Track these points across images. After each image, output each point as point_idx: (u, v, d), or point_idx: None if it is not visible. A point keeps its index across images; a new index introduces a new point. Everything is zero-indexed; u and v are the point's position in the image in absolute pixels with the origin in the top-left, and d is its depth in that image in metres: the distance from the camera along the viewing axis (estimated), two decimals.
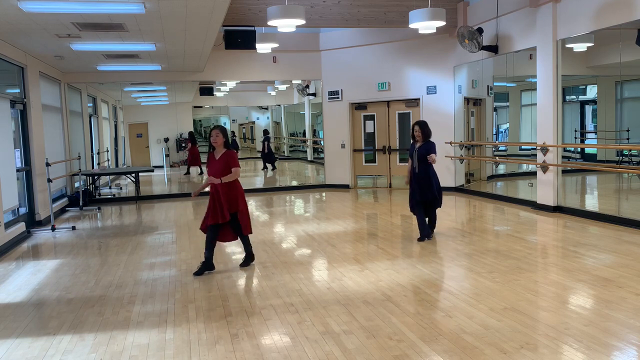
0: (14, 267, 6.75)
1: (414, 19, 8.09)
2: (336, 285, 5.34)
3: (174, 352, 3.90)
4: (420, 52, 12.23)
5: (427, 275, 5.57)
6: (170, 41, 8.69)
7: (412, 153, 7.24)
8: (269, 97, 19.29)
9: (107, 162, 15.50)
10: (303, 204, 11.75)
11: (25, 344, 4.17)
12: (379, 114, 13.09)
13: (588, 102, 13.11)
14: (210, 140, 5.94)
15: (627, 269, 5.51)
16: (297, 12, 7.65)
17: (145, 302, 5.07)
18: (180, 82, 13.56)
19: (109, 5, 6.26)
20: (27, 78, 9.32)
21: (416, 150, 7.18)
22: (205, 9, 6.68)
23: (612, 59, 8.62)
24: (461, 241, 7.15)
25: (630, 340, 3.80)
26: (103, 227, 9.56)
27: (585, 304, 4.64)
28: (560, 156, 9.18)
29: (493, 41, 10.22)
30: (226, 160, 5.91)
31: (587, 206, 10.29)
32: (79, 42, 8.43)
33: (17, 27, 7.32)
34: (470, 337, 3.93)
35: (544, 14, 8.94)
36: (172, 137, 16.58)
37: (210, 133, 5.94)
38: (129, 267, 6.42)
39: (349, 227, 8.42)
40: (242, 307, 4.80)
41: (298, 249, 7.16)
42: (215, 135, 5.90)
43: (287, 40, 12.32)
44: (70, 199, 11.75)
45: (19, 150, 9.20)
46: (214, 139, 5.91)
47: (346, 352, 3.75)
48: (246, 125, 21.48)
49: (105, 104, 16.15)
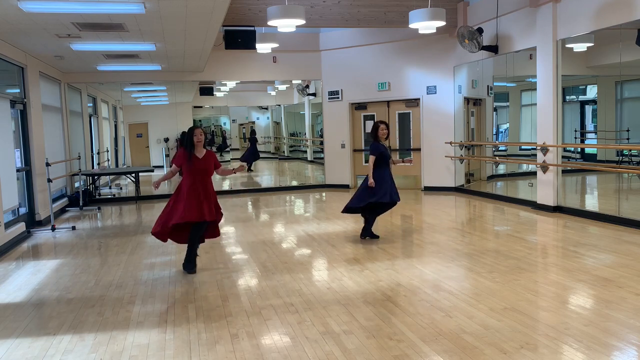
0: (14, 267, 6.75)
1: (414, 19, 8.09)
2: (336, 285, 5.34)
3: (174, 352, 3.89)
4: (420, 52, 12.23)
5: (427, 275, 5.57)
6: (170, 41, 8.69)
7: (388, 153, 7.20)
8: (269, 97, 19.28)
9: (107, 162, 15.50)
10: (303, 204, 11.75)
11: (25, 344, 4.17)
12: (379, 114, 13.08)
13: (588, 102, 13.11)
14: (195, 140, 5.89)
15: (627, 269, 5.51)
16: (297, 12, 7.65)
17: (145, 302, 5.06)
18: (180, 82, 13.56)
19: (109, 5, 6.26)
20: (27, 78, 9.31)
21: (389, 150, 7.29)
22: (205, 9, 6.68)
23: (612, 59, 8.62)
24: (461, 241, 7.15)
25: (630, 340, 3.80)
26: (103, 227, 9.56)
27: (585, 304, 4.64)
28: (560, 156, 9.18)
29: (493, 41, 10.22)
30: (212, 159, 6.01)
31: (587, 206, 10.29)
32: (79, 42, 8.43)
33: (17, 27, 7.32)
34: (470, 337, 3.93)
35: (544, 14, 8.94)
36: (172, 137, 16.58)
37: (194, 132, 5.88)
38: (129, 267, 6.42)
39: (349, 227, 8.42)
40: (242, 307, 4.80)
41: (298, 249, 7.16)
42: (200, 134, 5.90)
43: (287, 40, 12.31)
44: (70, 199, 11.75)
45: (19, 150, 9.20)
46: (198, 138, 5.89)
47: (346, 352, 3.75)
48: (246, 125, 21.47)
49: (105, 104, 16.14)
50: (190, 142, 5.91)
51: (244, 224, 9.04)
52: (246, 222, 9.31)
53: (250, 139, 18.05)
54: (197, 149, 5.95)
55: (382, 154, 7.08)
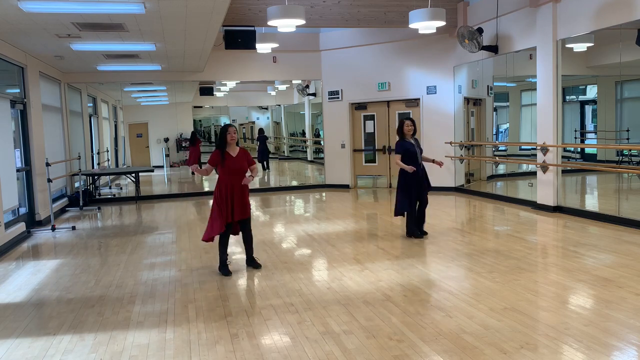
0: (14, 267, 6.75)
1: (414, 19, 8.09)
2: (336, 285, 5.34)
3: (174, 352, 3.90)
4: (420, 52, 12.23)
5: (427, 275, 5.58)
6: (170, 41, 8.69)
7: (414, 149, 7.18)
8: (269, 97, 19.28)
9: (107, 162, 15.50)
10: (303, 204, 11.75)
11: (25, 344, 4.17)
12: (379, 114, 13.09)
13: (588, 102, 13.12)
14: (228, 139, 5.80)
15: (627, 269, 5.51)
16: (297, 12, 7.65)
17: (145, 302, 5.07)
18: (180, 82, 13.56)
19: (109, 5, 6.26)
20: (27, 78, 9.32)
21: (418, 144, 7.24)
22: (205, 9, 6.68)
23: (612, 59, 8.62)
24: (461, 241, 7.15)
25: (630, 340, 3.80)
26: (103, 227, 9.56)
27: (585, 304, 4.64)
28: (560, 156, 9.18)
29: (493, 41, 10.22)
30: (246, 157, 5.93)
31: (587, 206, 10.29)
32: (79, 42, 8.43)
33: (17, 27, 7.32)
34: (470, 337, 3.93)
35: (544, 14, 8.94)
36: (172, 137, 16.58)
37: (228, 130, 5.80)
38: (129, 267, 6.42)
39: (349, 227, 8.42)
40: (242, 307, 4.80)
41: (298, 249, 7.16)
42: (234, 132, 5.83)
43: (287, 40, 12.31)
44: (70, 199, 11.75)
45: (19, 150, 9.20)
46: (232, 137, 5.80)
47: (346, 352, 3.75)
48: (246, 125, 21.48)
49: (105, 104, 16.15)
50: (224, 141, 5.83)
51: None
52: None
53: (259, 137, 17.91)
54: (231, 147, 5.86)
55: (407, 151, 7.11)
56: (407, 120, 7.23)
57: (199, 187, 15.01)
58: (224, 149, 5.85)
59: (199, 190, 14.34)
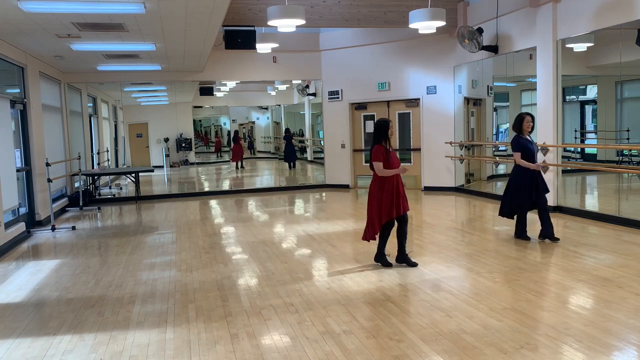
0: (14, 267, 6.75)
1: (414, 19, 8.09)
2: (336, 285, 5.34)
3: (174, 352, 3.89)
4: (420, 52, 12.23)
5: (427, 275, 5.57)
6: (170, 41, 8.69)
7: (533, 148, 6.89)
8: (269, 97, 19.29)
9: (107, 162, 15.51)
10: (303, 204, 11.75)
11: (25, 344, 4.17)
12: (379, 114, 13.07)
13: (588, 102, 13.11)
14: (389, 133, 5.80)
15: (627, 269, 5.51)
16: (297, 12, 7.65)
17: (145, 302, 5.06)
18: (180, 82, 13.57)
19: (109, 5, 6.26)
20: (27, 78, 9.32)
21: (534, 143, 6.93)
22: (205, 9, 6.68)
23: (612, 59, 8.62)
24: (461, 241, 7.15)
25: (630, 340, 3.80)
26: (103, 227, 9.56)
27: (585, 304, 4.64)
28: (560, 156, 9.18)
29: (493, 41, 10.22)
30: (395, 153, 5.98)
31: (587, 206, 10.29)
32: (79, 42, 8.43)
33: (17, 27, 7.32)
34: (470, 337, 3.93)
35: (544, 14, 8.94)
36: (172, 137, 16.59)
37: (389, 125, 5.79)
38: (129, 267, 6.42)
39: (349, 227, 8.42)
40: (242, 307, 4.80)
41: (298, 249, 7.16)
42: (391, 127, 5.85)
43: (287, 40, 12.31)
44: (70, 199, 11.75)
45: (19, 150, 9.20)
46: (392, 131, 5.83)
47: (346, 352, 3.75)
48: (246, 125, 21.48)
49: (105, 104, 16.15)
50: (385, 136, 5.80)
51: (244, 224, 9.04)
52: (246, 222, 9.31)
53: (286, 137, 17.78)
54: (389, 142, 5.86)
55: (524, 148, 6.84)
56: (527, 116, 6.89)
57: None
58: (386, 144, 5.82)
59: (199, 190, 14.36)
